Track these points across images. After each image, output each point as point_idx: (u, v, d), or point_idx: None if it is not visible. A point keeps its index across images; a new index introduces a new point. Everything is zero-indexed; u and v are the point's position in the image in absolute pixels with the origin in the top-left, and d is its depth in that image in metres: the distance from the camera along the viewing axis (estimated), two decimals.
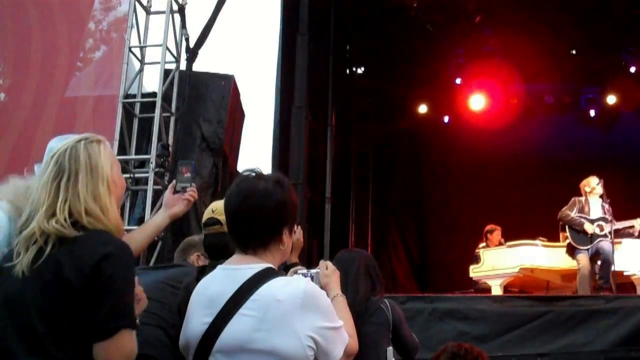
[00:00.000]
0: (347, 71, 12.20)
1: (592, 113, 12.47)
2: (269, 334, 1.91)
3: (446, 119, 12.95)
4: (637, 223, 7.73)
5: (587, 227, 7.65)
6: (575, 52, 11.62)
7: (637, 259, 7.57)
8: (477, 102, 12.15)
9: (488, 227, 9.35)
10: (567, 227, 7.81)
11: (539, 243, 8.39)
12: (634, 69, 11.58)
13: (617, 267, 7.33)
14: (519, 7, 10.46)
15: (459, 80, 12.35)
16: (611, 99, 12.07)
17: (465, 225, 11.12)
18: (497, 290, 8.24)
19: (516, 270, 8.24)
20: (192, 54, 8.57)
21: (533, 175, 11.73)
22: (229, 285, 2.00)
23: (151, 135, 7.78)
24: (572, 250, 7.78)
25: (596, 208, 7.82)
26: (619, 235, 7.73)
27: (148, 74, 8.28)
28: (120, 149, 7.69)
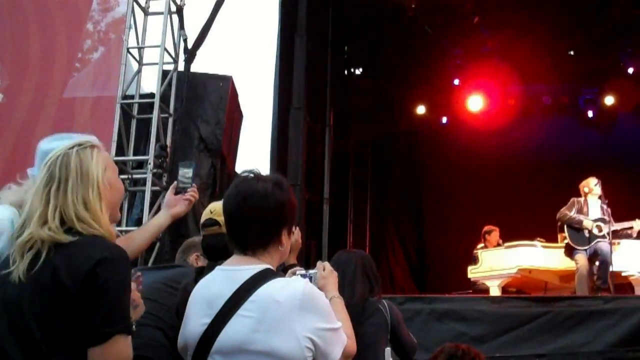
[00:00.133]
0: (345, 72, 12.17)
1: (590, 114, 12.48)
2: (267, 335, 1.91)
3: (444, 120, 12.95)
4: (635, 224, 7.74)
5: (586, 223, 7.64)
6: (573, 53, 11.62)
7: (635, 259, 7.59)
8: (475, 102, 12.15)
9: (486, 228, 9.35)
10: (566, 227, 7.81)
11: (537, 244, 8.40)
12: (632, 69, 11.57)
13: (615, 267, 7.33)
14: (517, 8, 10.46)
15: (457, 81, 12.34)
16: (609, 100, 12.08)
17: (463, 226, 11.11)
18: (495, 291, 8.25)
19: (514, 271, 8.24)
20: (190, 54, 8.57)
21: (531, 176, 11.74)
22: (228, 286, 2.00)
23: (149, 136, 7.77)
24: (570, 251, 7.78)
25: (595, 209, 7.83)
26: (618, 236, 7.73)
27: (146, 75, 8.27)
28: (118, 150, 7.69)
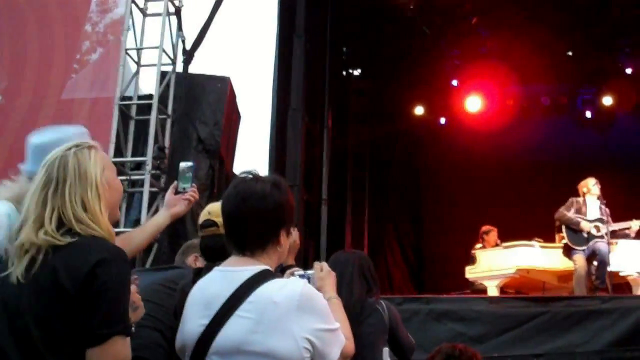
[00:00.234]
0: (344, 73, 12.18)
1: (589, 114, 12.51)
2: (265, 335, 1.91)
3: (442, 121, 12.97)
4: (633, 224, 7.75)
5: (584, 225, 7.66)
6: (571, 54, 11.63)
7: (633, 259, 7.60)
8: (473, 103, 12.16)
9: (484, 228, 9.35)
10: (564, 227, 7.82)
11: (536, 244, 8.40)
12: (630, 70, 11.59)
13: (613, 267, 7.35)
14: (515, 8, 10.48)
15: (455, 82, 12.36)
16: (607, 100, 12.10)
17: (461, 226, 11.11)
18: (493, 291, 8.25)
19: (512, 271, 8.25)
20: (189, 56, 8.58)
21: (529, 177, 11.76)
22: (226, 287, 2.00)
23: (147, 137, 7.78)
24: (568, 251, 7.79)
25: (593, 209, 7.84)
26: (616, 236, 7.75)
27: (144, 76, 8.30)
28: (116, 151, 7.70)
